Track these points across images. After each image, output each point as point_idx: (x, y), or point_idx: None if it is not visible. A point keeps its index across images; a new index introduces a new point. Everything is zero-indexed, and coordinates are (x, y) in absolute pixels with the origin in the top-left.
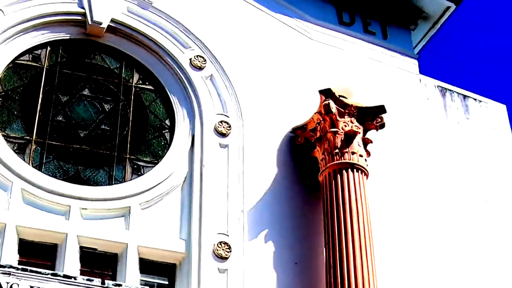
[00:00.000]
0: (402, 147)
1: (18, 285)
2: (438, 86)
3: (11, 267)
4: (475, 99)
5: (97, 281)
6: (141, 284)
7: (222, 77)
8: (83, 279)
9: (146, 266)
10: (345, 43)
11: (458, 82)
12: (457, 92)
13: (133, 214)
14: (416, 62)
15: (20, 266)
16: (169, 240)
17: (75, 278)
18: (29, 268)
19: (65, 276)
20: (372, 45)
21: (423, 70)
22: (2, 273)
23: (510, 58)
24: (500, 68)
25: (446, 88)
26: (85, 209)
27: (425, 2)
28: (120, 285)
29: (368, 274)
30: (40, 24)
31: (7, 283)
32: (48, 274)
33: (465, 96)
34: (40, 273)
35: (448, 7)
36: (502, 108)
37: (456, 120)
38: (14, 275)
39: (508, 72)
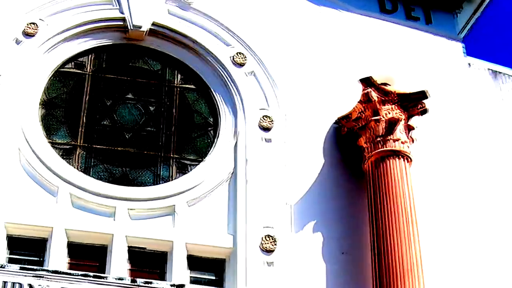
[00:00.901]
0: (451, 131)
1: (49, 286)
2: (488, 68)
3: (42, 270)
4: None
5: (127, 280)
6: (191, 281)
7: (264, 72)
8: (114, 278)
9: (194, 262)
10: (388, 31)
11: (509, 63)
12: (508, 74)
13: (180, 212)
14: (461, 45)
15: (50, 269)
16: (217, 236)
17: (105, 277)
18: (59, 269)
19: (95, 276)
20: (416, 30)
21: (472, 53)
22: (34, 276)
23: None
24: None
25: (497, 71)
26: (133, 209)
27: None
28: (150, 282)
29: (415, 262)
30: (82, 32)
31: (39, 285)
32: (78, 275)
33: None
34: (70, 274)
35: None
36: None
37: (508, 101)
38: (46, 278)
39: None
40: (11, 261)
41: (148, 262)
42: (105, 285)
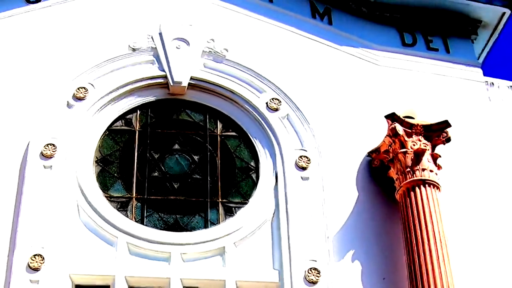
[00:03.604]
0: (476, 155)
1: None
2: (510, 86)
3: None
4: None
5: None
6: None
7: (297, 114)
8: None
9: None
10: (410, 64)
11: None
12: None
13: (228, 252)
14: (481, 70)
15: None
16: (264, 272)
17: None
18: None
19: None
20: (436, 61)
21: (492, 75)
22: None
23: None
24: None
25: None
26: (185, 253)
27: (482, 12)
28: None
29: (447, 284)
30: (128, 91)
31: None
32: None
33: None
34: None
35: (504, 13)
36: None
37: None
38: None
39: None
40: None
41: None
42: None
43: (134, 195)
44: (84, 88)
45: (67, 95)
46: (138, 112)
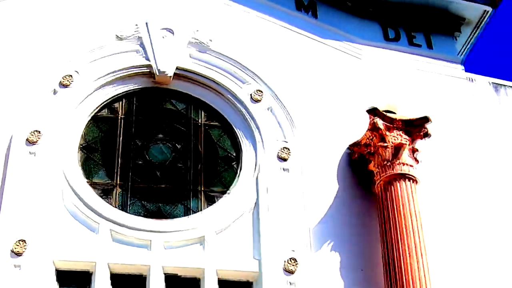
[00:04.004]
0: (455, 150)
1: None
2: (492, 82)
3: None
4: None
5: None
6: None
7: (280, 106)
8: None
9: (224, 285)
10: (392, 59)
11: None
12: (510, 86)
13: (209, 241)
14: (462, 67)
15: None
16: (243, 261)
17: None
18: None
19: None
20: (418, 56)
21: (474, 71)
22: None
23: None
24: None
25: (499, 84)
26: (166, 241)
27: (465, 9)
28: None
29: (423, 275)
30: (113, 79)
31: None
32: None
33: None
34: None
35: (486, 11)
36: None
37: (510, 113)
38: None
39: None
40: None
41: (183, 287)
42: None
43: (117, 182)
44: (70, 75)
45: (53, 82)
46: (123, 100)
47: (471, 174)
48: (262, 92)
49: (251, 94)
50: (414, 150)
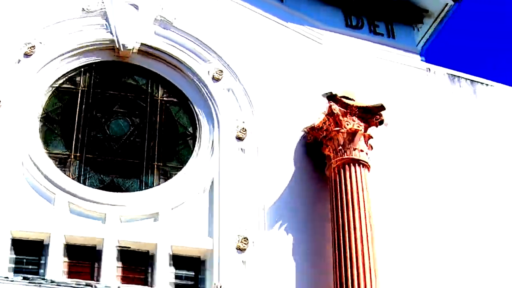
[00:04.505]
0: (409, 139)
1: None
2: (447, 73)
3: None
4: (482, 83)
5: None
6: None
7: (239, 86)
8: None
9: (175, 260)
10: (353, 46)
11: (467, 69)
12: (465, 78)
13: (163, 216)
14: (423, 58)
15: (48, 274)
16: (195, 237)
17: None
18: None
19: (87, 284)
20: (379, 45)
21: (433, 62)
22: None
23: None
24: (506, 52)
25: (454, 75)
26: (120, 214)
27: (427, 2)
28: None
29: (372, 258)
30: (76, 52)
31: None
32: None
33: (472, 81)
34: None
35: (447, 4)
36: (509, 90)
37: (464, 104)
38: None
39: None
40: (16, 262)
41: (135, 261)
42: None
43: (73, 153)
44: (33, 46)
45: (17, 52)
46: (84, 72)
47: (422, 162)
48: (222, 71)
49: (211, 73)
50: (368, 137)
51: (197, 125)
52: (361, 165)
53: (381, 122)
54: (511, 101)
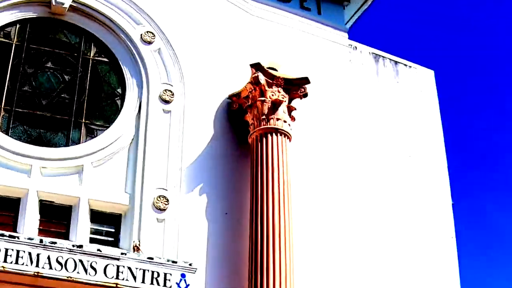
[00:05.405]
0: (335, 111)
1: None
2: (372, 53)
3: None
4: (405, 65)
5: (36, 239)
6: (91, 232)
7: (169, 50)
8: (25, 238)
9: (96, 216)
10: (282, 18)
11: (391, 51)
12: (389, 58)
13: (86, 171)
14: (347, 35)
15: None
16: (116, 194)
17: (18, 237)
18: None
19: (10, 236)
20: (307, 20)
21: (360, 41)
22: None
23: (439, 27)
24: (430, 36)
25: (379, 55)
26: (45, 167)
27: None
28: (55, 242)
29: (288, 224)
30: (10, 5)
31: None
32: None
33: (396, 62)
34: None
35: None
36: (430, 73)
37: (387, 83)
38: None
39: (436, 39)
40: None
41: (57, 214)
42: (17, 244)
43: (2, 105)
44: None
45: None
46: (18, 26)
47: (343, 136)
48: (153, 34)
49: (142, 35)
50: (291, 108)
51: (125, 86)
52: (282, 135)
53: (306, 95)
54: (431, 83)
